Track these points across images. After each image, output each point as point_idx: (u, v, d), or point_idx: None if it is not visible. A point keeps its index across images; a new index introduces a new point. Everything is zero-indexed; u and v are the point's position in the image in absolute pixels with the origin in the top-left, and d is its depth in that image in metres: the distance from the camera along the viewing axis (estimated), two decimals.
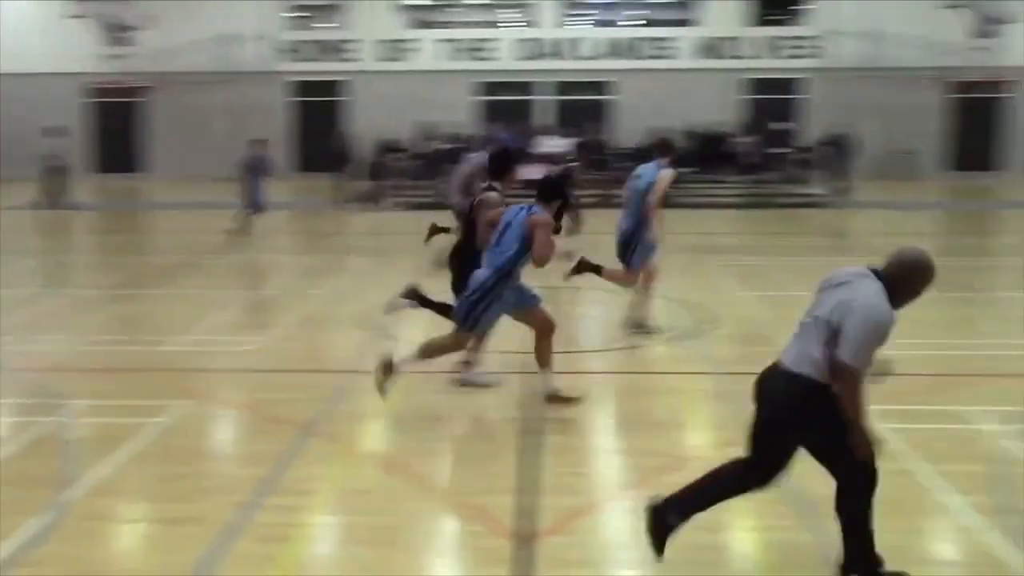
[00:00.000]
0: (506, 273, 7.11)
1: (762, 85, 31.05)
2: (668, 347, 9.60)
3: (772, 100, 30.93)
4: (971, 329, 10.80)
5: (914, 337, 9.82)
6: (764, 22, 31.57)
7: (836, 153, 24.63)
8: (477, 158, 11.89)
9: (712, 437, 6.98)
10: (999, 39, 30.00)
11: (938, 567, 5.12)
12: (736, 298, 12.05)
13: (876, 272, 4.52)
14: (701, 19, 31.28)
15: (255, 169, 17.77)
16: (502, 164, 8.25)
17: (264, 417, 7.38)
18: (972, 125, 31.04)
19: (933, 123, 30.91)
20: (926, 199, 25.56)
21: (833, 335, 4.41)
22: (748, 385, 5.06)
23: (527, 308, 7.37)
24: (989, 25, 30.13)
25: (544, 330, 7.37)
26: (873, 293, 4.41)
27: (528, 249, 7.04)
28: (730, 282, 13.02)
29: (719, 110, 29.10)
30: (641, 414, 7.53)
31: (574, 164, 15.50)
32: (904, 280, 4.49)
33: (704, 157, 26.26)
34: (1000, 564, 4.93)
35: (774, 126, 29.56)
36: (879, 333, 4.38)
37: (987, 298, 11.96)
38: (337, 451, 6.73)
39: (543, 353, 7.36)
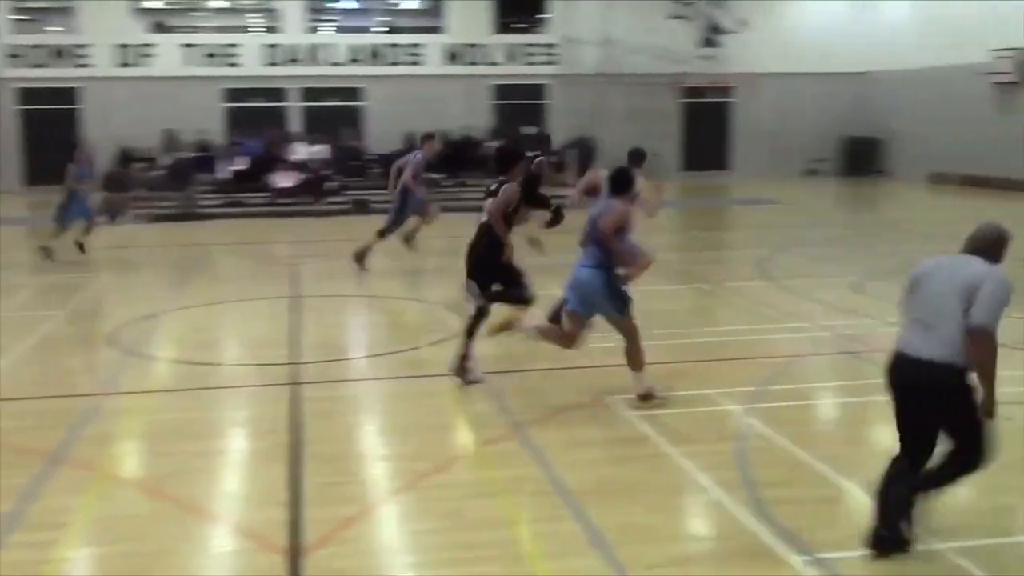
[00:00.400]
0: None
1: (509, 91, 31.91)
2: (433, 350, 9.71)
3: (520, 105, 31.87)
4: (708, 318, 11.55)
5: (657, 328, 10.44)
6: (508, 29, 32.47)
7: (581, 156, 25.66)
8: (415, 157, 14.53)
9: (477, 435, 7.12)
10: (722, 48, 32.33)
11: (693, 542, 5.48)
12: None
13: (968, 252, 5.08)
14: (446, 26, 31.76)
15: None
16: (510, 159, 8.58)
17: (3, 449, 6.85)
18: (703, 128, 33.26)
19: (669, 126, 32.85)
20: (664, 198, 27.07)
21: (966, 309, 4.78)
22: (508, 383, 5.19)
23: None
24: (713, 35, 32.41)
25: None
26: (986, 265, 4.94)
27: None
28: None
29: (469, 115, 29.65)
30: (409, 418, 7.58)
31: (540, 157, 15.28)
32: (993, 251, 5.07)
33: (455, 161, 26.67)
34: (748, 533, 5.33)
35: (523, 130, 30.48)
36: (1009, 295, 4.84)
37: (722, 288, 12.83)
38: (89, 478, 6.36)
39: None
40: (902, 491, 4.94)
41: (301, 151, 24.59)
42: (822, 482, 6.07)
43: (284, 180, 23.55)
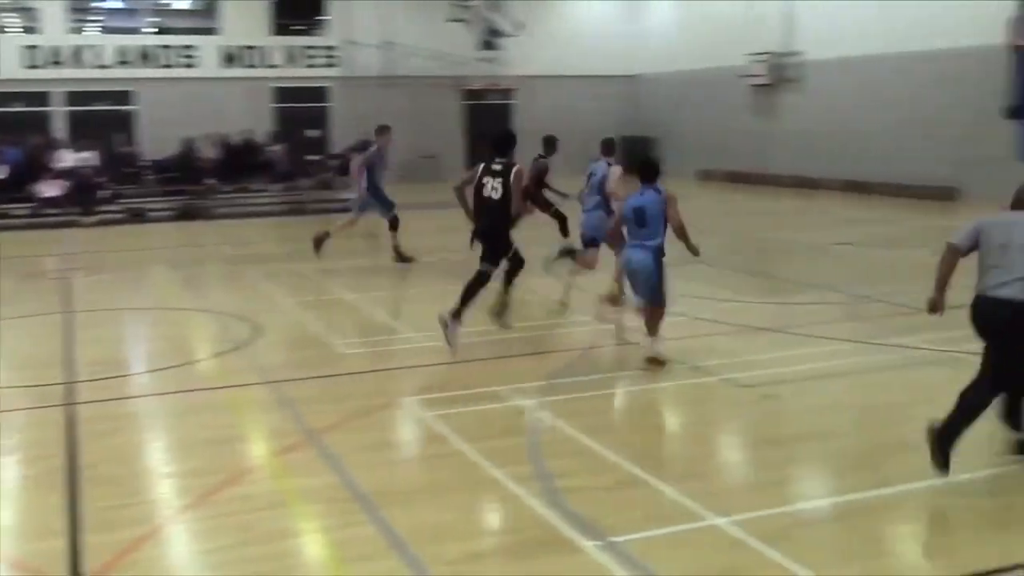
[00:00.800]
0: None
1: (290, 94, 31.33)
2: (218, 361, 9.40)
3: (301, 108, 31.36)
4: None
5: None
6: (286, 31, 31.86)
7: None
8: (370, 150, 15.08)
9: (271, 446, 6.96)
10: (501, 51, 32.97)
11: (490, 537, 5.55)
12: (281, 305, 12.08)
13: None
14: (221, 27, 30.82)
15: None
16: (509, 143, 10.01)
17: None
18: (486, 129, 33.77)
19: (452, 128, 33.19)
20: (449, 199, 27.30)
21: None
22: (301, 391, 5.11)
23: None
24: (491, 38, 33.00)
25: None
26: None
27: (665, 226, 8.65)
28: (273, 290, 13.02)
29: (250, 119, 28.88)
30: (195, 432, 7.31)
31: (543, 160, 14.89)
32: None
33: (237, 166, 25.92)
34: (543, 524, 5.45)
35: (307, 134, 30.03)
36: None
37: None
38: None
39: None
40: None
41: (68, 158, 23.19)
42: (612, 469, 6.29)
43: (50, 189, 22.15)
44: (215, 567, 5.13)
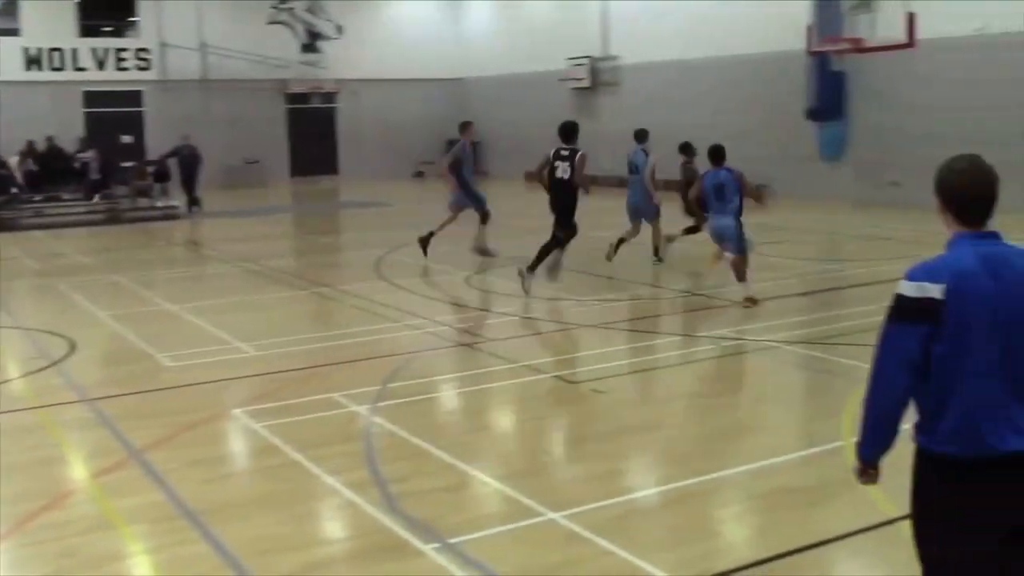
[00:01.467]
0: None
1: (102, 98, 29.99)
2: (30, 380, 8.90)
3: (114, 113, 30.07)
4: (328, 321, 11.60)
5: (278, 335, 10.34)
6: (95, 33, 30.47)
7: (184, 164, 24.55)
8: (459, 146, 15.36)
9: (88, 467, 6.63)
10: (323, 54, 32.56)
11: (329, 545, 5.47)
12: (96, 319, 11.55)
13: None
14: (23, 28, 29.19)
15: None
16: (573, 131, 12.36)
17: None
18: (309, 133, 33.31)
19: (275, 132, 32.54)
20: (274, 204, 26.79)
21: None
22: (122, 407, 4.90)
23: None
24: (312, 41, 32.56)
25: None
26: None
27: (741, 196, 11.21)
28: (87, 303, 12.42)
29: (58, 125, 27.48)
30: (7, 456, 6.85)
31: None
32: None
33: (44, 174, 24.59)
34: (381, 529, 5.42)
35: (122, 139, 28.84)
36: None
37: (339, 291, 12.93)
38: None
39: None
40: None
41: None
42: (448, 470, 6.32)
43: None
44: None
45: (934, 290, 3.10)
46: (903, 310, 3.20)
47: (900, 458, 3.49)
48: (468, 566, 4.95)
